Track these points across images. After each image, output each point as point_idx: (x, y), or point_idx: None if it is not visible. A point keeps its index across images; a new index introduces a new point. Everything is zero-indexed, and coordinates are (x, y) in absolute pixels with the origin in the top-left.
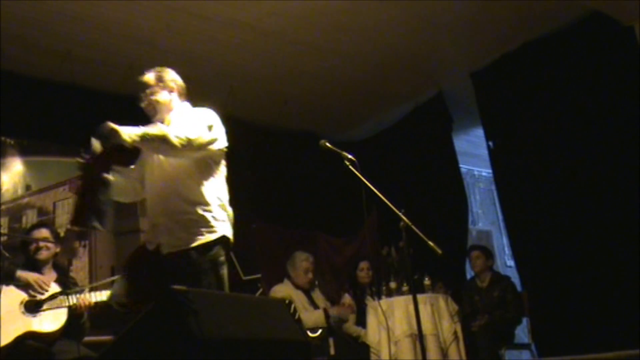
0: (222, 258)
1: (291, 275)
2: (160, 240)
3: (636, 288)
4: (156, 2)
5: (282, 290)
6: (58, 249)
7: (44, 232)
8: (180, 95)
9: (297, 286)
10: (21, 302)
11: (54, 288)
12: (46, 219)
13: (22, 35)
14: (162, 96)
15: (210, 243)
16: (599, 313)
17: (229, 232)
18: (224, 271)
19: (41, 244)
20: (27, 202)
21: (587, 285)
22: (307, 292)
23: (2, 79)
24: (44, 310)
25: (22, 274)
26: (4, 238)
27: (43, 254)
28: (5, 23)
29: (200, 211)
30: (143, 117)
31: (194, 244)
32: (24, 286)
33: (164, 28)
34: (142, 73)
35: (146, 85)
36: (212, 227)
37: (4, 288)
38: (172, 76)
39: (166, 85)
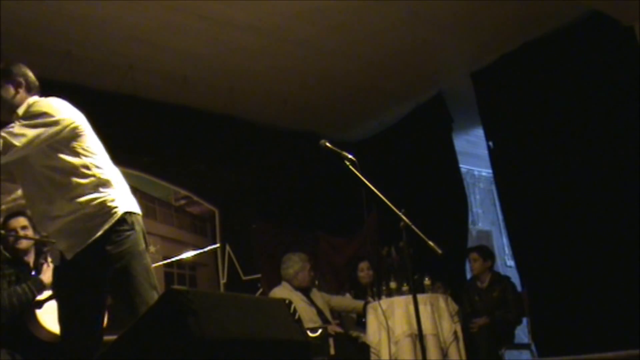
0: (142, 247)
1: (289, 277)
2: (60, 247)
3: (636, 288)
4: (156, 2)
5: (282, 293)
6: (37, 237)
7: (22, 221)
8: (30, 90)
9: (295, 288)
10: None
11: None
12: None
13: (22, 35)
14: (5, 92)
15: (116, 225)
16: (599, 313)
17: (132, 206)
18: (148, 260)
19: (21, 232)
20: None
21: (587, 285)
22: (306, 292)
23: None
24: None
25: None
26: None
27: (23, 244)
28: (5, 23)
29: (91, 202)
30: (143, 115)
31: (100, 232)
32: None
33: (164, 28)
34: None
35: None
36: (112, 207)
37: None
38: (22, 70)
39: (13, 80)
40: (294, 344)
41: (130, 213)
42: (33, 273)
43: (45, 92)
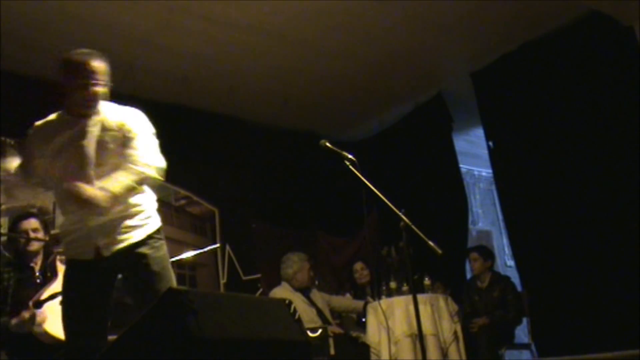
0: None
1: (289, 277)
2: (99, 242)
3: (636, 288)
4: (156, 2)
5: (281, 293)
6: (47, 238)
7: (33, 223)
8: None
9: (295, 288)
10: None
11: (55, 287)
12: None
13: (22, 35)
14: (104, 89)
15: (155, 232)
16: (599, 313)
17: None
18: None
19: (32, 235)
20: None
21: (587, 285)
22: (306, 293)
23: (2, 79)
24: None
25: (15, 322)
26: (4, 238)
27: (34, 245)
28: (5, 23)
29: (139, 206)
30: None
31: (143, 236)
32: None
33: (164, 28)
34: (93, 57)
35: (100, 74)
36: (153, 215)
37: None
38: None
39: (108, 78)
40: (294, 344)
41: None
42: (37, 273)
43: (45, 92)
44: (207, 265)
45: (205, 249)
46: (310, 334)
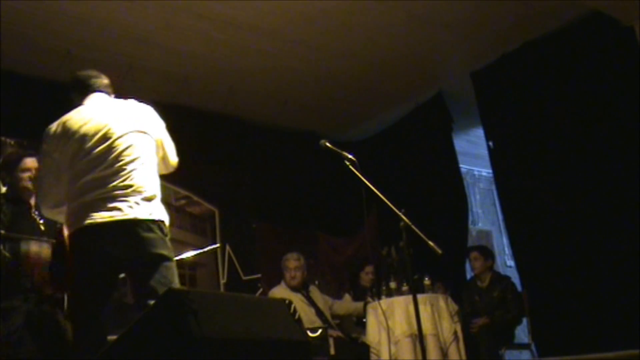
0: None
1: (284, 276)
2: None
3: (636, 288)
4: (156, 2)
5: (279, 292)
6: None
7: (34, 161)
8: None
9: (290, 287)
10: None
11: None
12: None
13: (22, 35)
14: None
15: None
16: (599, 313)
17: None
18: None
19: (35, 173)
20: None
21: (587, 285)
22: (304, 292)
23: (2, 79)
24: None
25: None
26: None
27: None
28: (5, 23)
29: None
30: None
31: None
32: None
33: (163, 28)
34: None
35: None
36: None
37: None
38: None
39: None
40: (294, 344)
41: None
42: (36, 212)
43: (45, 91)
44: (207, 265)
45: (205, 249)
46: (310, 334)
